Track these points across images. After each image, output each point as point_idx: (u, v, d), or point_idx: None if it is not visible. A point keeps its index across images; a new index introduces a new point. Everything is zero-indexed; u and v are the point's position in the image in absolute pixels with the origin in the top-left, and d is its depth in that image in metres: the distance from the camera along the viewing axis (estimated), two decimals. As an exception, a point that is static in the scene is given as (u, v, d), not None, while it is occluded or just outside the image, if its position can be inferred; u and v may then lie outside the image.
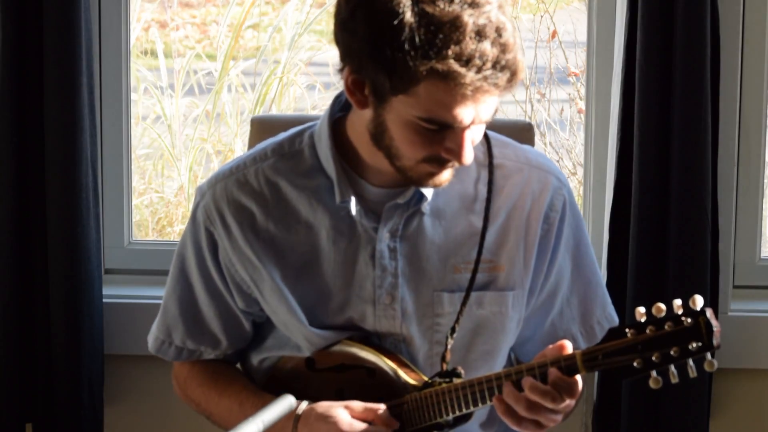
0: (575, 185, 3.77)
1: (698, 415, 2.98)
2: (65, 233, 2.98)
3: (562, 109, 3.94)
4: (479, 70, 1.95)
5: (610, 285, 2.96)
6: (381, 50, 1.96)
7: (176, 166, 3.89)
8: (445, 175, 2.08)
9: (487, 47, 1.95)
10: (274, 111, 3.87)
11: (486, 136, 2.21)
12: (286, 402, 1.99)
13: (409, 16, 1.95)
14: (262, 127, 2.56)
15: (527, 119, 3.77)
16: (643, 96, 2.89)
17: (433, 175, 2.07)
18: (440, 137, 2.02)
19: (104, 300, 3.07)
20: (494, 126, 2.33)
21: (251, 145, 2.56)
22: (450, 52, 1.94)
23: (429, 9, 1.95)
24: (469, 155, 2.04)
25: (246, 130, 2.94)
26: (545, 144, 3.85)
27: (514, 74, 1.98)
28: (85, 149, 2.97)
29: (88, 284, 3.01)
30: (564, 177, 2.24)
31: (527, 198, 2.19)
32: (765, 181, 3.12)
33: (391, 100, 2.01)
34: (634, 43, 2.89)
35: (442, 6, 1.95)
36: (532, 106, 3.88)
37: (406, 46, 1.95)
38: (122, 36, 3.12)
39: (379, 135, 2.07)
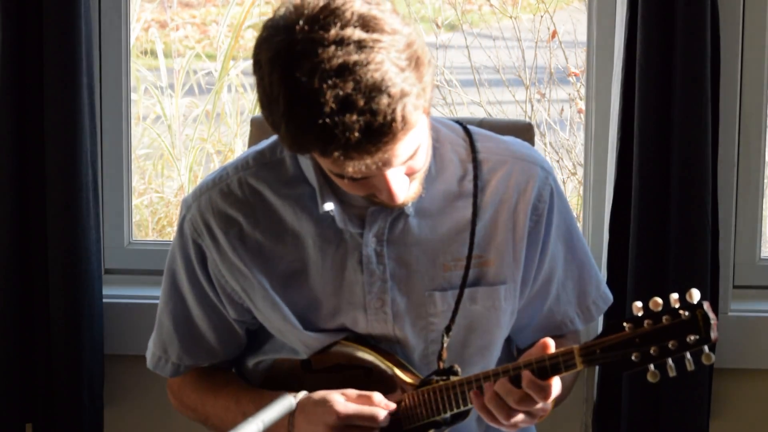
0: (575, 185, 3.77)
1: (698, 415, 2.98)
2: (65, 233, 2.98)
3: (562, 109, 3.94)
4: (346, 143, 1.85)
5: (610, 285, 2.94)
6: (270, 119, 1.92)
7: (176, 166, 3.89)
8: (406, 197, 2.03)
9: (353, 118, 1.84)
10: (274, 111, 3.86)
11: (468, 132, 2.20)
12: (286, 402, 1.99)
13: (278, 90, 1.87)
14: (262, 127, 2.56)
15: (527, 119, 3.76)
16: (643, 96, 2.89)
17: (391, 199, 2.03)
18: (365, 181, 1.98)
19: (104, 300, 3.07)
20: (495, 126, 2.33)
21: (251, 145, 2.55)
22: (312, 130, 1.85)
23: (292, 84, 1.85)
24: (400, 194, 1.99)
25: (246, 130, 2.94)
26: (545, 144, 3.85)
27: (393, 135, 1.87)
28: (85, 149, 2.97)
29: (88, 284, 3.01)
30: (548, 164, 2.23)
31: (513, 191, 2.18)
32: (765, 181, 3.12)
33: None
34: (634, 43, 2.89)
35: (305, 80, 1.84)
36: (532, 106, 3.88)
37: (280, 121, 1.89)
38: (122, 36, 3.13)
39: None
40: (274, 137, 2.21)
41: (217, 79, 3.88)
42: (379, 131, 1.86)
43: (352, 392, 2.12)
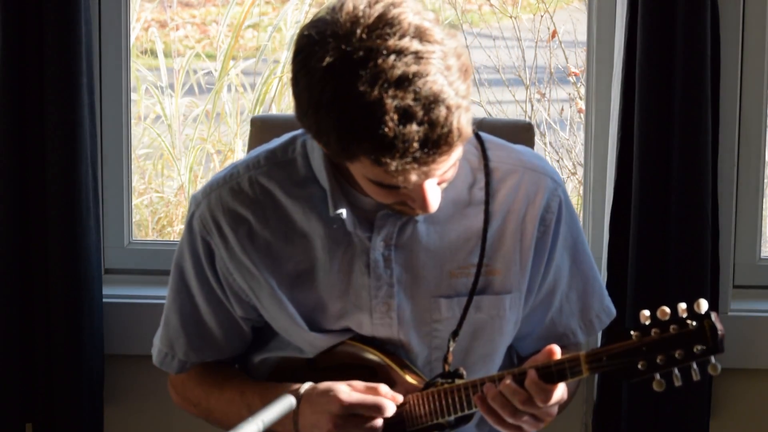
0: (575, 185, 3.77)
1: (698, 415, 2.98)
2: (65, 233, 2.98)
3: (562, 109, 3.94)
4: (403, 154, 1.86)
5: (610, 285, 2.96)
6: (316, 126, 1.91)
7: (176, 166, 3.89)
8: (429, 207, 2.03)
9: (412, 129, 1.85)
10: (274, 111, 3.87)
11: (480, 140, 2.19)
12: (287, 402, 1.99)
13: (331, 99, 1.87)
14: (262, 126, 2.56)
15: (527, 119, 3.77)
16: (643, 96, 2.89)
17: (412, 209, 2.03)
18: (400, 190, 1.98)
19: (104, 300, 3.07)
20: (495, 126, 2.33)
21: (251, 145, 2.56)
22: (370, 140, 1.85)
23: (351, 92, 1.85)
24: (433, 204, 1.99)
25: (246, 129, 2.94)
26: (545, 144, 3.85)
27: (449, 146, 1.88)
28: (85, 149, 2.97)
29: (88, 284, 3.01)
30: (558, 176, 2.22)
31: (522, 201, 2.17)
32: (765, 181, 3.12)
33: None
34: (634, 43, 2.89)
35: (362, 89, 1.84)
36: (532, 106, 3.88)
37: (332, 130, 1.89)
38: (122, 36, 3.12)
39: (351, 178, 2.06)
40: (285, 136, 2.21)
41: (217, 78, 3.88)
42: (437, 142, 1.87)
43: (359, 383, 2.12)
